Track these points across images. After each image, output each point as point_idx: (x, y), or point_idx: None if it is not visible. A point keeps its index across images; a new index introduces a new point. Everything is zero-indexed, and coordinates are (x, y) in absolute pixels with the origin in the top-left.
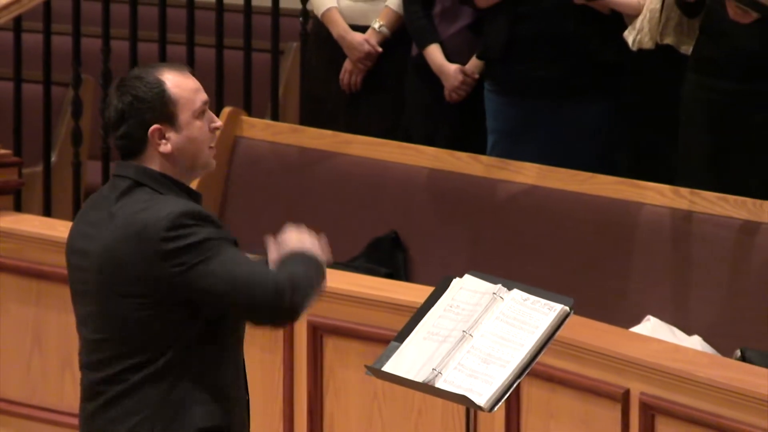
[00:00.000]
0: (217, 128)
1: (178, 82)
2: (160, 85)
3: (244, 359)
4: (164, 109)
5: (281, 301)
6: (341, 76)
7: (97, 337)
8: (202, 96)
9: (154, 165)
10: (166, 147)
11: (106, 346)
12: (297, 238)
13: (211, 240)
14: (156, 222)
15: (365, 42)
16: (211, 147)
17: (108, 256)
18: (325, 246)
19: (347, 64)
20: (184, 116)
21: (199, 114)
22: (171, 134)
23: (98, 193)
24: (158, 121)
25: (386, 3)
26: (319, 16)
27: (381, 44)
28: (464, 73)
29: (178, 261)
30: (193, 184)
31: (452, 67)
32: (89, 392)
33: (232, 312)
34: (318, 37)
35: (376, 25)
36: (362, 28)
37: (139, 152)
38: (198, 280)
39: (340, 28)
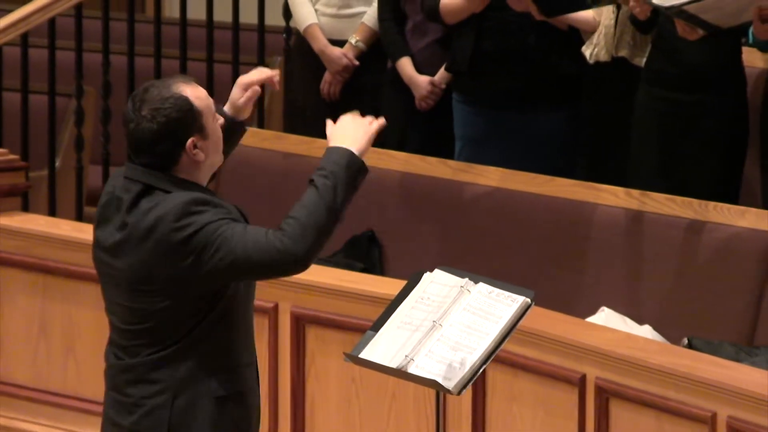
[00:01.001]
0: (222, 125)
1: (196, 94)
2: (187, 101)
3: (253, 324)
4: (195, 123)
5: (283, 263)
6: (321, 86)
7: (126, 327)
8: (211, 100)
9: (183, 173)
10: (200, 156)
11: (135, 335)
12: (341, 131)
13: (214, 221)
14: (165, 216)
15: (344, 56)
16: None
17: (133, 260)
18: (374, 126)
19: (327, 76)
20: (208, 124)
21: (215, 117)
22: (201, 143)
23: (112, 195)
24: (192, 135)
25: (362, 20)
26: (301, 31)
27: (358, 57)
28: (433, 84)
29: (190, 248)
30: None
31: (422, 79)
32: (117, 367)
33: (246, 279)
34: (300, 51)
35: (353, 40)
36: (340, 43)
37: (173, 165)
38: (209, 260)
39: (320, 42)
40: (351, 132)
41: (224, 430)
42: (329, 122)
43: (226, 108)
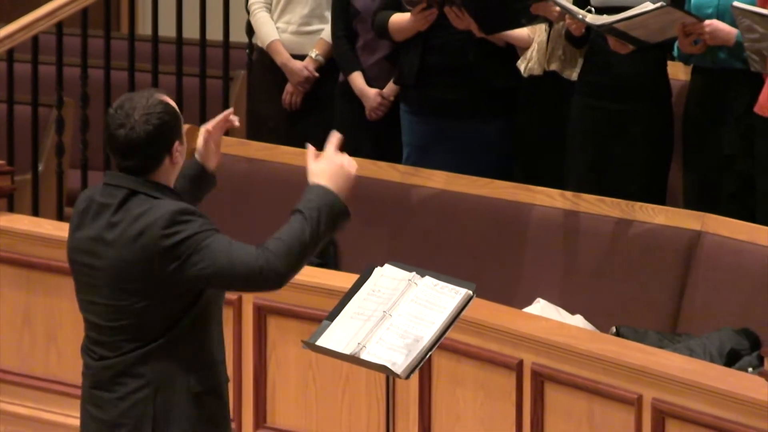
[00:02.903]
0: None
1: (173, 103)
2: (172, 107)
3: (222, 322)
4: (179, 128)
5: (262, 278)
6: (284, 97)
7: (107, 324)
8: None
9: (158, 177)
10: (179, 159)
11: (117, 331)
12: (321, 169)
13: (201, 232)
14: (154, 222)
15: (304, 68)
16: None
17: (118, 259)
18: (350, 165)
19: (289, 87)
20: (183, 130)
21: None
22: (180, 148)
23: (92, 200)
24: (177, 138)
25: (321, 36)
26: (265, 47)
27: (317, 70)
28: (382, 96)
29: (176, 254)
30: None
31: (372, 91)
32: (96, 362)
33: (224, 289)
34: (263, 65)
35: (313, 54)
36: (301, 57)
37: (156, 168)
38: (191, 267)
39: (282, 56)
40: (335, 175)
41: (202, 424)
42: (311, 152)
43: (196, 155)
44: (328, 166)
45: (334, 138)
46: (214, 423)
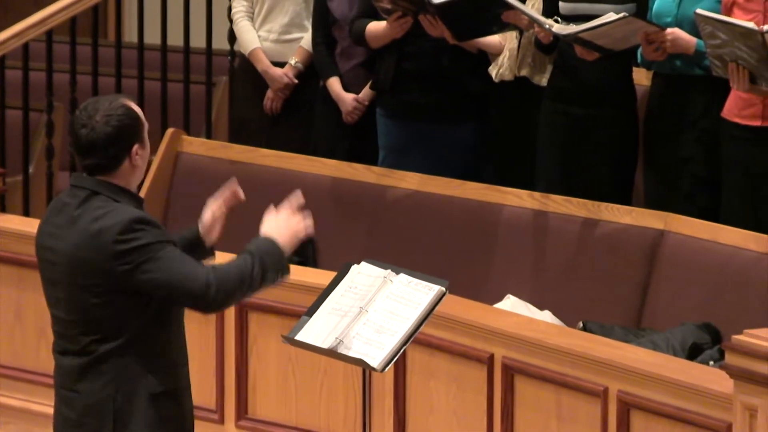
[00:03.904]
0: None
1: (136, 108)
2: (135, 111)
3: (184, 326)
4: (140, 132)
5: (207, 296)
6: (265, 102)
7: (67, 318)
8: None
9: (118, 179)
10: (139, 162)
11: (75, 325)
12: (275, 224)
13: (155, 243)
14: (110, 227)
15: (284, 75)
16: None
17: (73, 254)
18: (305, 223)
19: (270, 93)
20: (145, 134)
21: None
22: (141, 152)
23: (59, 200)
24: (137, 142)
25: (300, 44)
26: (246, 54)
27: (296, 77)
28: (357, 100)
29: (127, 260)
30: (143, 191)
31: (348, 96)
32: (63, 359)
33: (164, 298)
34: (245, 71)
35: (293, 62)
36: (281, 64)
37: (115, 168)
38: (142, 275)
39: (263, 64)
40: (286, 234)
41: (159, 424)
42: (271, 210)
43: (199, 225)
44: (280, 222)
45: (294, 198)
46: (174, 425)
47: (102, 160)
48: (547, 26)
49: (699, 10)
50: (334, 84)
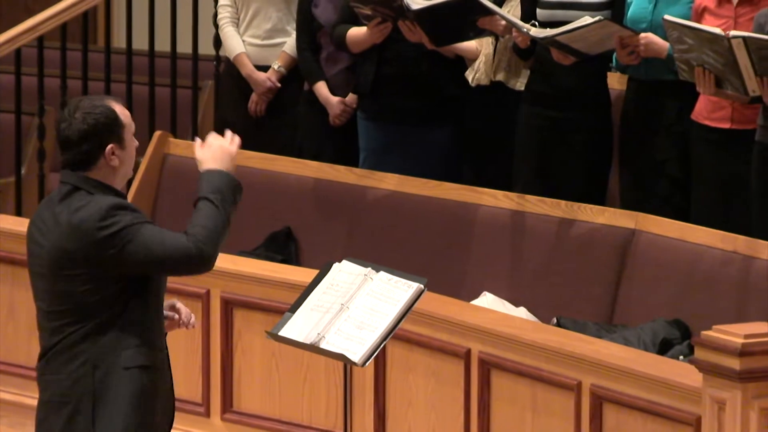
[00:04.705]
0: (136, 146)
1: (122, 111)
2: (114, 112)
3: (163, 312)
4: (117, 132)
5: (200, 254)
6: (249, 105)
7: (50, 309)
8: (131, 120)
9: (99, 175)
10: (115, 162)
11: (58, 316)
12: (209, 154)
13: (134, 224)
14: (91, 216)
15: (267, 79)
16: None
17: (57, 246)
18: (234, 140)
19: (254, 96)
20: (127, 137)
21: (133, 135)
22: (119, 152)
23: (49, 196)
24: (113, 142)
25: (283, 48)
26: (231, 59)
27: (279, 80)
28: (344, 104)
29: (111, 244)
30: (131, 192)
31: (335, 99)
32: (45, 350)
33: (159, 273)
34: (230, 75)
35: (276, 66)
36: (265, 68)
37: (91, 165)
38: (128, 256)
39: (248, 68)
40: (220, 158)
41: (137, 396)
42: (198, 143)
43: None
44: (212, 151)
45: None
46: (148, 398)
47: (76, 155)
48: (525, 30)
49: (667, 16)
50: (322, 88)
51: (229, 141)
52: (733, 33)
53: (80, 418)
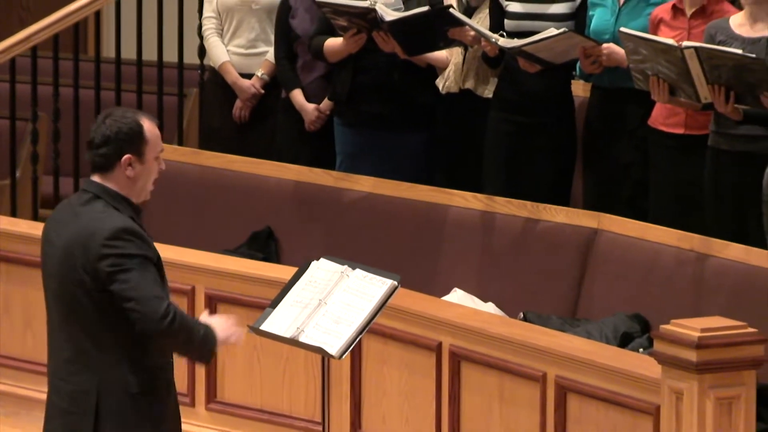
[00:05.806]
0: (162, 170)
1: (151, 128)
2: (140, 126)
3: None
4: (137, 145)
5: (163, 321)
6: (234, 111)
7: (59, 310)
8: (162, 144)
9: (115, 183)
10: (131, 173)
11: (65, 317)
12: (220, 324)
13: (137, 255)
14: (101, 231)
15: (251, 86)
16: (153, 181)
17: (65, 247)
18: (237, 334)
19: (238, 103)
20: (149, 155)
21: (158, 156)
22: (137, 165)
23: (67, 201)
24: (131, 152)
25: (266, 57)
26: (216, 67)
27: (263, 87)
28: (319, 110)
29: (108, 263)
30: None
31: (310, 106)
32: (54, 349)
33: (126, 311)
34: (214, 83)
35: (259, 73)
36: (248, 76)
37: (108, 170)
38: (116, 282)
39: (232, 76)
40: (224, 334)
41: (137, 424)
42: (220, 316)
43: None
44: (226, 326)
45: (234, 317)
46: (149, 425)
47: (95, 157)
48: (494, 40)
49: (623, 29)
50: (297, 96)
51: (236, 332)
52: (685, 44)
53: None
